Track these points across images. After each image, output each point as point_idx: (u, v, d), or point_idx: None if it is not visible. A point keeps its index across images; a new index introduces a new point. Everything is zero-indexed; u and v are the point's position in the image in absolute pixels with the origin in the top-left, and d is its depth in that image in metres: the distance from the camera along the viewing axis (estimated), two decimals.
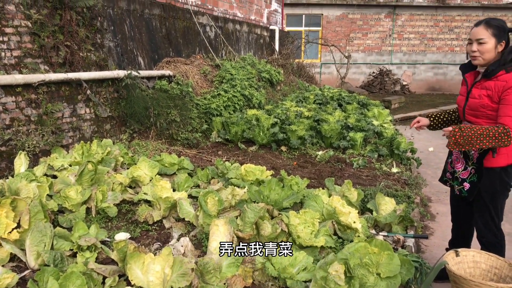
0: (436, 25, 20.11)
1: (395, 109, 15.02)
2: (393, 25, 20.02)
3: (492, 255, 2.82)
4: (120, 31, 6.11)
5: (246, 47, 10.87)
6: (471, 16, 19.99)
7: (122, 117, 5.76)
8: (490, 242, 3.02)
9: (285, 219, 3.17)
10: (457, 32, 20.22)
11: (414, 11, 19.86)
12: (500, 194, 2.90)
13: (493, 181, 2.86)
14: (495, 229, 3.00)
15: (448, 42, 20.35)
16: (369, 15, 19.86)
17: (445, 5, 19.59)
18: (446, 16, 19.98)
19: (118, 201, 3.68)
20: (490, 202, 2.92)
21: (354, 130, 6.55)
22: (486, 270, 2.82)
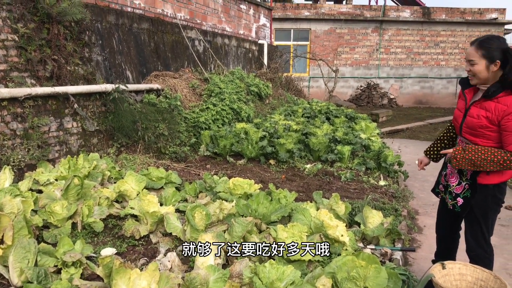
0: (422, 39, 20.49)
1: (383, 122, 15.17)
2: (380, 39, 20.33)
3: (478, 268, 2.84)
4: (108, 45, 6.12)
5: (235, 61, 10.94)
6: (456, 31, 20.42)
7: (109, 131, 5.73)
8: (479, 256, 3.03)
9: (273, 233, 3.16)
10: (443, 46, 20.61)
11: (400, 26, 20.22)
12: (491, 210, 2.90)
13: (486, 198, 2.85)
14: (484, 244, 3.00)
15: (434, 56, 20.72)
16: (357, 29, 20.16)
17: (431, 20, 19.99)
18: (431, 31, 20.37)
19: (104, 215, 3.64)
20: (481, 218, 2.91)
21: (342, 144, 6.59)
22: (472, 283, 2.83)
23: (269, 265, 2.78)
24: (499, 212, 2.98)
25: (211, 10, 9.94)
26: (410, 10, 20.08)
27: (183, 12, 8.69)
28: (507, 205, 5.66)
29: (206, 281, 2.55)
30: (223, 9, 10.56)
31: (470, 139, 2.83)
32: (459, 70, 20.77)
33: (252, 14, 12.51)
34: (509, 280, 3.62)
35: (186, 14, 8.80)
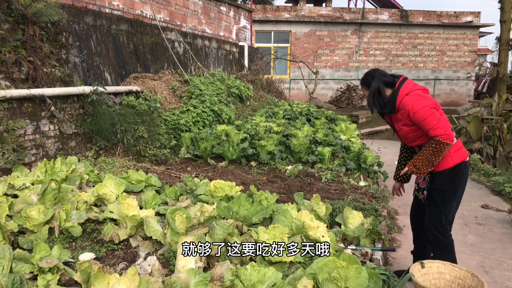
0: (400, 42, 20.82)
1: (363, 124, 15.35)
2: (359, 41, 20.58)
3: (456, 266, 2.89)
4: (86, 47, 6.02)
5: (215, 63, 10.91)
6: (433, 34, 20.82)
7: (88, 134, 5.63)
8: (438, 240, 3.23)
9: (254, 235, 3.15)
10: (420, 48, 20.98)
11: (379, 28, 20.51)
12: (448, 193, 3.16)
13: (443, 182, 3.15)
14: (441, 228, 3.22)
15: (412, 59, 21.07)
16: (336, 32, 20.36)
17: (408, 23, 20.33)
18: (409, 33, 20.71)
19: (82, 220, 3.57)
20: (440, 202, 3.18)
21: (322, 145, 6.63)
22: (451, 281, 2.88)
23: (251, 267, 2.77)
24: (457, 201, 3.19)
25: (191, 11, 9.89)
26: (388, 13, 20.40)
27: (162, 13, 8.62)
28: (483, 204, 5.79)
29: (187, 284, 2.52)
30: (203, 10, 10.52)
31: (414, 144, 3.28)
32: (436, 71, 21.18)
33: (232, 16, 12.50)
34: (486, 277, 3.69)
35: (165, 16, 8.74)
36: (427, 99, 3.09)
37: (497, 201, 5.99)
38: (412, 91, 3.13)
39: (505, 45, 14.01)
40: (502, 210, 5.51)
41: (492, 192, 6.48)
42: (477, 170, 7.70)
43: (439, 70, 21.29)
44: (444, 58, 21.22)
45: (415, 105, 3.04)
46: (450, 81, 21.43)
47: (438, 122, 2.98)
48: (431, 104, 3.05)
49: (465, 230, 4.86)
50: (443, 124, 3.00)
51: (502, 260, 4.07)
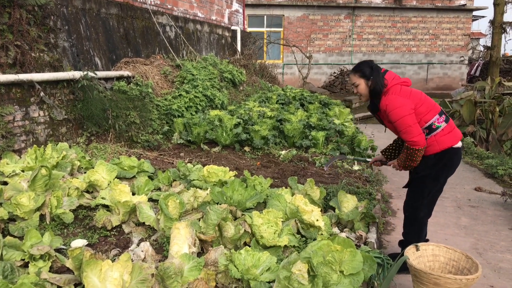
0: (393, 25, 20.69)
1: (356, 109, 15.32)
2: (352, 26, 20.42)
3: (450, 248, 2.89)
4: (75, 31, 5.89)
5: (207, 48, 10.77)
6: (426, 18, 20.70)
7: (78, 120, 5.55)
8: (408, 218, 3.36)
9: (248, 219, 3.13)
10: (414, 32, 20.88)
11: (372, 12, 20.35)
12: (428, 178, 3.19)
13: (426, 166, 3.16)
14: (415, 208, 3.30)
15: (406, 43, 20.98)
16: (329, 16, 20.17)
17: (402, 6, 20.18)
18: (403, 17, 20.58)
19: (74, 206, 3.53)
20: (418, 184, 3.25)
21: (316, 129, 6.60)
22: (445, 263, 2.88)
23: (245, 252, 2.75)
24: (439, 183, 3.22)
25: None
26: None
27: None
28: (476, 186, 5.81)
29: (181, 270, 2.49)
30: None
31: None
32: (429, 55, 21.13)
33: (225, 0, 12.32)
34: (479, 259, 3.71)
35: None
36: (402, 98, 3.02)
37: (490, 183, 6.02)
38: (391, 87, 3.09)
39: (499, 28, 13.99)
40: (495, 193, 5.53)
41: (485, 175, 6.51)
42: (470, 153, 7.73)
43: (433, 54, 21.24)
44: (438, 42, 21.14)
45: (389, 105, 3.02)
46: (443, 65, 21.39)
47: (407, 127, 2.96)
48: (406, 104, 2.98)
49: (459, 212, 4.88)
50: (412, 130, 2.97)
51: (495, 242, 4.10)
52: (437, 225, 4.43)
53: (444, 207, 5.01)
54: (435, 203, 3.33)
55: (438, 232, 4.29)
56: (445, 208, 5.01)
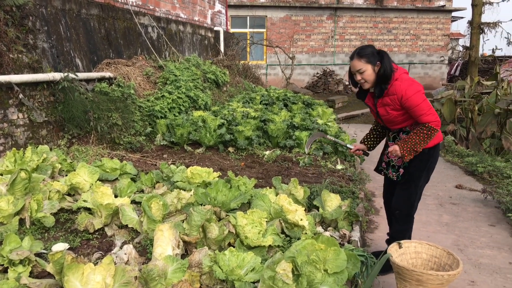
0: (375, 26, 20.93)
1: (339, 108, 15.45)
2: (335, 26, 20.59)
3: (432, 245, 2.93)
4: (55, 32, 5.80)
5: (190, 48, 10.73)
6: (407, 18, 20.99)
7: (59, 122, 5.46)
8: (403, 216, 3.32)
9: (233, 220, 3.12)
10: (395, 33, 21.15)
11: (354, 13, 20.55)
12: (423, 173, 3.20)
13: (421, 162, 3.16)
14: (410, 205, 3.29)
15: (387, 43, 21.23)
16: (312, 16, 20.30)
17: (383, 7, 20.42)
18: (384, 18, 20.84)
19: (55, 210, 3.47)
20: (413, 180, 3.22)
21: (300, 129, 6.62)
22: (427, 260, 2.92)
23: (229, 252, 2.74)
24: (428, 180, 3.29)
25: None
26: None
27: None
28: (457, 184, 5.91)
29: (164, 272, 2.47)
30: None
31: (397, 127, 3.22)
32: (410, 55, 21.42)
33: (207, 1, 12.28)
34: (460, 255, 3.77)
35: (138, 0, 8.50)
36: (417, 84, 3.02)
37: (470, 181, 6.13)
38: (401, 75, 3.04)
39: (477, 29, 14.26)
40: (475, 190, 5.64)
41: (466, 172, 6.62)
42: (451, 151, 7.85)
43: (413, 54, 21.54)
44: (418, 42, 21.46)
45: (408, 91, 2.95)
46: (424, 65, 21.72)
47: (430, 109, 2.96)
48: (422, 90, 3.01)
49: (441, 210, 4.95)
50: (434, 111, 2.99)
51: (475, 238, 4.17)
52: (419, 223, 4.48)
53: (426, 205, 5.08)
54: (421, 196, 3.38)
55: (420, 229, 4.34)
56: (427, 205, 5.08)
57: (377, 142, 3.57)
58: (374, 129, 3.57)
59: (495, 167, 6.28)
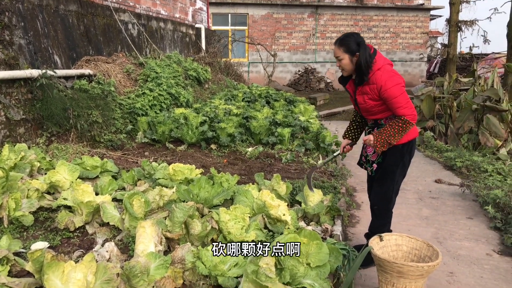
0: (355, 24, 21.10)
1: (321, 106, 15.54)
2: (316, 24, 20.69)
3: (412, 237, 2.98)
4: (32, 28, 5.69)
5: (171, 45, 10.64)
6: (387, 16, 21.24)
7: (38, 120, 5.36)
8: (381, 210, 3.36)
9: (215, 216, 3.12)
10: (375, 31, 21.37)
11: (335, 11, 20.68)
12: (398, 168, 3.23)
13: (395, 157, 3.20)
14: (387, 200, 3.34)
15: (368, 41, 20.93)
16: (293, 14, 20.36)
17: (363, 5, 20.61)
18: (364, 16, 21.03)
19: (34, 208, 3.41)
20: (389, 175, 3.25)
21: (282, 126, 6.65)
22: (408, 252, 2.97)
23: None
24: (405, 172, 3.32)
25: None
26: None
27: None
28: (436, 179, 6.01)
29: (147, 268, 2.45)
30: None
31: (373, 118, 3.25)
32: (390, 53, 21.67)
33: None
34: (439, 247, 3.84)
35: None
36: (398, 77, 3.04)
37: (449, 175, 6.24)
38: (383, 66, 3.04)
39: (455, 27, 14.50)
40: (454, 184, 5.75)
41: (445, 167, 6.74)
42: (431, 147, 7.99)
43: (393, 51, 21.81)
44: (398, 40, 21.74)
45: (388, 82, 2.96)
46: (404, 63, 22.01)
47: (407, 102, 2.97)
48: (402, 82, 3.02)
49: (420, 204, 5.04)
50: (411, 104, 3.00)
51: (454, 230, 4.26)
52: (400, 217, 4.56)
53: (406, 199, 5.16)
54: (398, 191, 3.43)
55: (401, 223, 4.41)
56: (407, 200, 5.16)
57: (359, 133, 3.58)
58: (353, 120, 3.59)
59: (472, 162, 6.41)
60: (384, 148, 3.08)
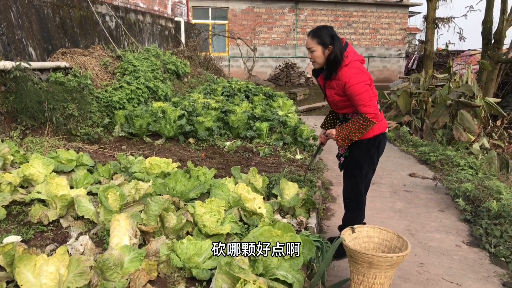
0: (336, 20, 21.23)
1: (301, 101, 15.63)
2: (296, 19, 20.74)
3: (383, 229, 3.06)
4: (5, 19, 5.56)
5: (150, 39, 10.54)
6: (367, 12, 21.44)
7: (11, 113, 5.26)
8: (351, 203, 3.47)
9: (191, 209, 3.14)
10: (355, 27, 21.55)
11: (315, 6, 20.76)
12: (365, 162, 3.32)
13: (361, 151, 3.28)
14: (357, 193, 3.42)
15: (347, 36, 21.60)
16: (274, 9, 20.36)
17: (343, 1, 20.75)
18: (344, 12, 21.18)
19: (7, 202, 3.36)
20: (357, 169, 3.34)
21: (260, 120, 6.68)
22: (379, 243, 3.05)
23: (187, 241, 2.77)
24: (374, 166, 3.41)
25: None
26: None
27: None
28: (411, 172, 6.15)
29: (121, 261, 2.46)
30: None
31: (341, 112, 3.34)
32: (370, 49, 21.91)
33: None
34: (411, 239, 3.95)
35: None
36: (364, 74, 3.06)
37: (423, 169, 6.39)
38: (351, 62, 3.08)
39: (431, 24, 14.74)
40: (427, 178, 5.89)
41: (419, 161, 6.90)
42: (406, 141, 8.15)
43: (373, 47, 22.05)
44: (377, 36, 21.97)
45: (352, 79, 3.00)
46: (382, 59, 22.28)
47: (369, 100, 3.02)
48: (367, 80, 3.05)
49: (394, 197, 5.15)
50: (374, 103, 3.05)
51: (426, 223, 4.37)
52: (374, 210, 4.66)
53: (381, 193, 5.26)
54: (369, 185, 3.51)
55: (375, 216, 4.51)
56: (382, 193, 5.26)
57: (336, 124, 3.63)
58: (331, 111, 3.65)
59: (446, 156, 6.57)
60: (346, 143, 3.16)
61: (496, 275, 3.34)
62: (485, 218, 4.18)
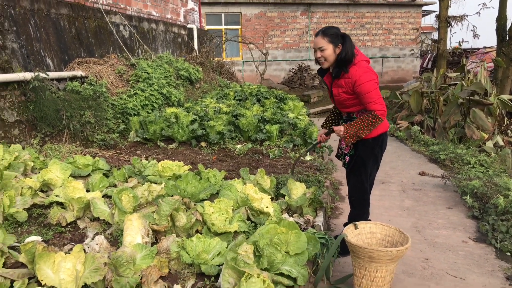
0: (348, 21, 21.27)
1: (314, 103, 15.71)
2: (309, 22, 20.84)
3: (386, 225, 3.15)
4: (24, 32, 5.83)
5: (163, 46, 10.79)
6: (379, 13, 21.41)
7: (31, 121, 5.51)
8: (357, 201, 3.55)
9: (200, 208, 3.28)
10: (368, 28, 21.54)
11: (327, 8, 20.84)
12: (370, 160, 3.39)
13: (366, 150, 3.35)
14: (363, 191, 3.50)
15: (361, 38, 21.61)
16: (286, 13, 20.51)
17: (356, 2, 20.78)
18: (357, 13, 21.20)
19: (28, 205, 3.56)
20: (362, 167, 3.41)
21: (270, 123, 6.81)
22: (381, 239, 3.14)
23: (196, 239, 2.91)
24: (377, 165, 3.49)
25: None
26: None
27: None
28: (420, 171, 6.19)
29: (133, 258, 2.62)
30: None
31: (346, 110, 3.40)
32: (383, 49, 21.85)
33: None
34: (418, 236, 4.02)
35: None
36: (372, 73, 3.17)
37: (433, 168, 6.42)
38: (359, 61, 3.18)
39: (444, 22, 14.65)
40: (436, 176, 5.92)
41: (430, 160, 6.92)
42: (418, 141, 8.16)
43: (386, 48, 22.00)
44: (391, 36, 21.92)
45: (362, 77, 3.09)
46: (397, 59, 22.21)
47: (378, 98, 3.12)
48: (375, 79, 3.16)
49: (403, 195, 5.21)
50: (382, 101, 3.15)
51: (433, 220, 4.43)
52: (382, 208, 4.73)
53: (389, 191, 5.33)
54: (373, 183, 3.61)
55: (383, 214, 4.58)
56: (391, 192, 5.33)
57: (336, 124, 3.73)
58: (333, 111, 3.75)
59: (456, 154, 6.59)
60: (353, 140, 3.23)
61: (500, 269, 3.39)
62: (492, 214, 4.22)
